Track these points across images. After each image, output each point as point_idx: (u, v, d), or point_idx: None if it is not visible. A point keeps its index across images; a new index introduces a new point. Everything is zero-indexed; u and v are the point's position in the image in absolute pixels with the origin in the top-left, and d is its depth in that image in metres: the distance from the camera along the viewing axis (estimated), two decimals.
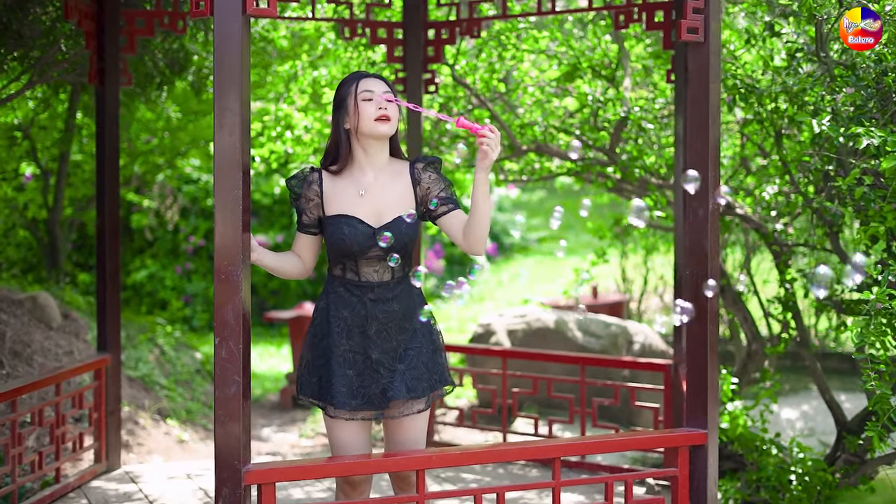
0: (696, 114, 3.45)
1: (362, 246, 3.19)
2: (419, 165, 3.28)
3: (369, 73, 3.30)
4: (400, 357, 3.22)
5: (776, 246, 5.46)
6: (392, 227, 3.20)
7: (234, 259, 2.93)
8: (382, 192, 3.24)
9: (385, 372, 3.20)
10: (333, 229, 3.21)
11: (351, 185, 3.26)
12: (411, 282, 3.25)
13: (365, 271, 3.23)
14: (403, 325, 3.24)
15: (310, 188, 3.27)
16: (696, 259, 3.46)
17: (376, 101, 3.20)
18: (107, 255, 4.91)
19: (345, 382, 3.19)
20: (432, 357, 3.27)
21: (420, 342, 3.25)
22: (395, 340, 3.23)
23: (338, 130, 3.26)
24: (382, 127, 3.20)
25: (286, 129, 6.32)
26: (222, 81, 2.92)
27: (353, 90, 3.21)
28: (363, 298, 3.22)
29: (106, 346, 4.95)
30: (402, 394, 3.17)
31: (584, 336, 6.74)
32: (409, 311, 3.25)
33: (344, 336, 3.22)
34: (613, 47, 6.08)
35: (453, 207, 3.25)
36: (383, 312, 3.21)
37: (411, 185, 3.27)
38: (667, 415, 4.81)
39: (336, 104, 3.28)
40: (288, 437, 6.78)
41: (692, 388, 3.49)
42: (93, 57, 4.84)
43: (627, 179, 5.60)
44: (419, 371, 3.22)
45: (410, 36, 5.25)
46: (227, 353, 2.94)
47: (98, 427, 4.93)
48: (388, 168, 3.28)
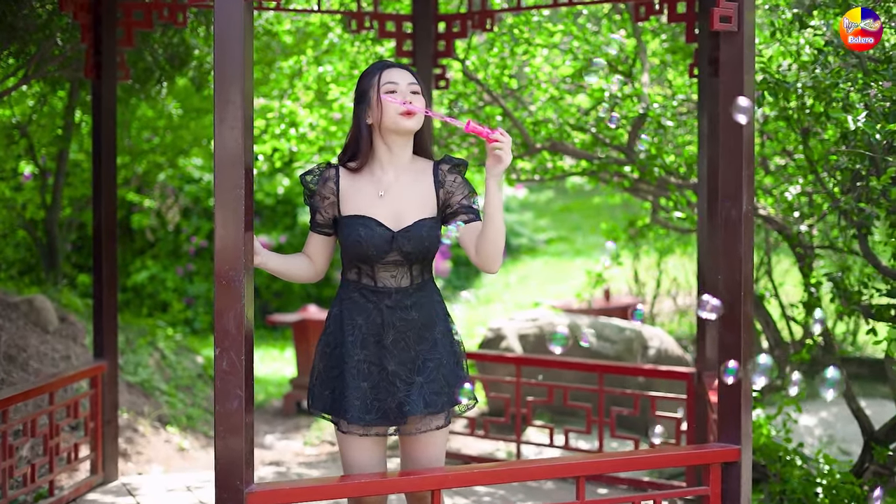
0: (729, 107, 3.23)
1: (379, 250, 2.96)
2: (444, 167, 3.05)
3: (394, 62, 3.06)
4: (418, 369, 2.99)
5: (800, 248, 5.24)
6: (412, 231, 2.98)
7: (236, 263, 2.72)
8: (403, 193, 3.02)
9: (402, 385, 2.97)
10: (349, 231, 2.99)
11: (370, 184, 3.03)
12: (432, 290, 3.05)
13: (381, 276, 3.01)
14: (423, 335, 3.01)
15: (325, 185, 3.05)
16: (729, 264, 3.24)
17: (401, 93, 2.97)
18: (103, 256, 4.70)
19: (359, 395, 2.96)
20: (453, 370, 3.05)
21: (440, 353, 3.02)
22: (413, 351, 3.00)
23: (359, 125, 3.03)
24: (407, 122, 2.96)
25: (290, 127, 6.10)
26: (223, 72, 2.71)
27: (376, 82, 2.98)
28: (379, 305, 3.00)
29: (102, 352, 4.74)
30: (420, 409, 2.94)
31: (597, 341, 6.52)
32: (430, 320, 3.03)
33: (358, 345, 3.00)
34: (629, 42, 5.86)
35: (474, 218, 3.02)
36: (401, 320, 2.99)
37: (434, 187, 3.04)
38: (689, 425, 4.59)
39: (357, 97, 3.05)
40: (292, 444, 6.57)
41: (725, 400, 3.27)
42: (89, 50, 4.63)
43: (645, 179, 5.38)
44: (438, 384, 2.99)
45: (420, 29, 5.03)
46: (228, 364, 2.72)
47: (94, 437, 4.72)
48: (411, 167, 3.06)
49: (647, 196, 6.25)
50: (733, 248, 3.23)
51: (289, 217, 10.96)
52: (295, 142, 6.04)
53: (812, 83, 4.22)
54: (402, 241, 2.96)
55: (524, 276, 11.97)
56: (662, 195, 6.15)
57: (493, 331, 6.68)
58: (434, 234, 3.00)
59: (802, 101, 4.67)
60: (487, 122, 5.78)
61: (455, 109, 5.89)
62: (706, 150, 4.44)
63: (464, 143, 5.95)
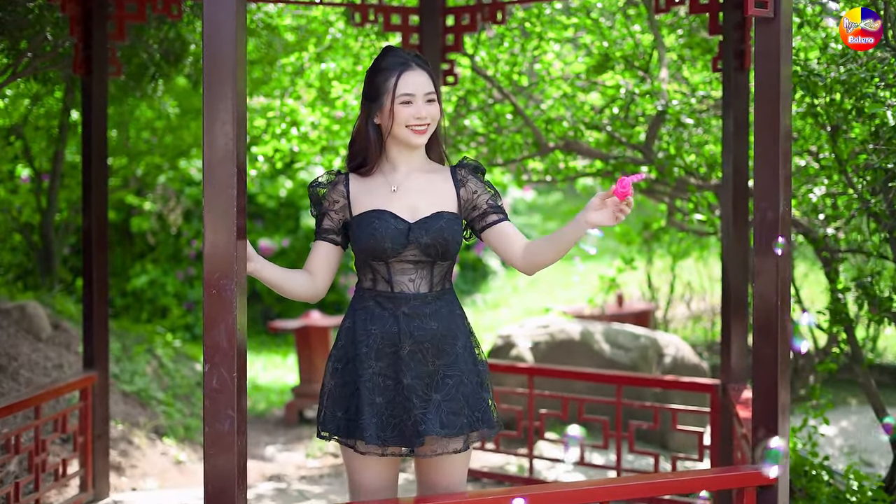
0: (765, 101, 2.98)
1: (395, 243, 2.73)
2: (462, 170, 2.87)
3: (413, 59, 2.81)
4: (436, 385, 2.74)
5: (826, 252, 4.99)
6: (430, 222, 2.76)
7: (227, 270, 2.47)
8: (418, 186, 2.82)
9: (418, 401, 2.72)
10: (363, 226, 2.75)
11: (381, 183, 2.82)
12: (453, 300, 2.81)
13: (398, 280, 2.76)
14: (442, 348, 2.76)
15: (335, 189, 2.83)
16: (764, 270, 2.99)
17: (416, 105, 2.76)
18: (94, 262, 4.45)
19: (374, 412, 2.71)
20: (476, 390, 2.79)
21: (461, 370, 2.77)
22: (431, 365, 2.75)
23: (366, 124, 2.80)
24: (416, 139, 2.78)
25: (291, 126, 5.84)
26: (213, 63, 2.46)
27: (391, 88, 2.75)
28: (396, 312, 2.75)
29: (93, 362, 4.49)
30: (436, 429, 2.69)
31: (611, 349, 6.26)
32: (450, 332, 2.78)
33: (372, 356, 2.75)
34: (644, 36, 5.61)
35: (503, 218, 2.83)
36: (419, 330, 2.74)
37: (454, 186, 2.84)
38: (713, 440, 4.33)
39: (369, 93, 2.81)
40: (293, 456, 6.31)
41: (760, 419, 3.02)
42: (78, 44, 4.38)
43: (664, 180, 5.12)
44: (457, 404, 2.73)
45: (427, 22, 4.78)
46: (218, 381, 2.47)
47: (84, 452, 4.47)
48: (425, 167, 2.87)
49: (662, 198, 5.99)
50: (769, 253, 2.98)
51: (292, 220, 10.71)
52: (296, 142, 5.78)
53: (847, 76, 3.95)
54: (419, 232, 2.74)
55: (532, 281, 11.70)
56: (679, 196, 5.90)
57: (502, 338, 6.42)
58: (454, 227, 2.78)
59: (832, 97, 4.41)
60: (497, 120, 5.53)
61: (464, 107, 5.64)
62: (732, 149, 4.18)
63: (472, 143, 5.69)
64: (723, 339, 4.31)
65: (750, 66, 4.16)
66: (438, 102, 2.82)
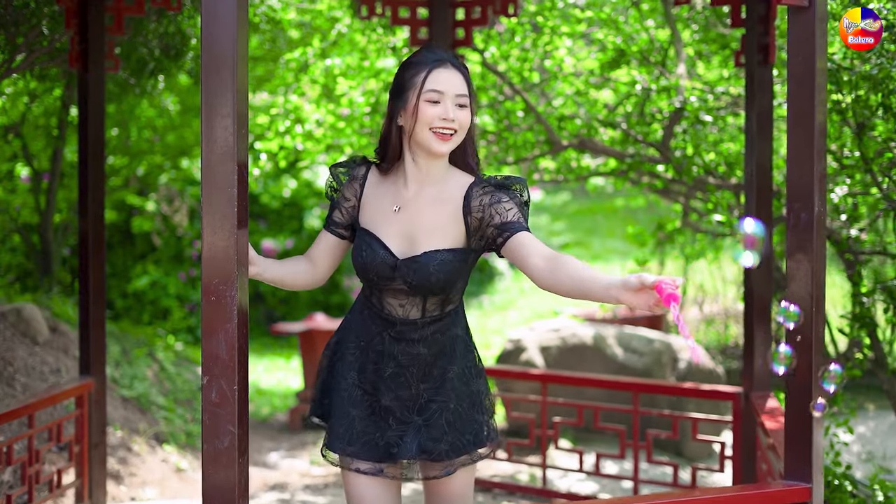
0: (799, 95, 2.80)
1: (381, 277, 2.54)
2: (477, 188, 2.53)
3: (448, 56, 2.53)
4: (419, 408, 2.56)
5: (849, 255, 4.81)
6: (419, 263, 2.50)
7: (227, 275, 2.29)
8: (421, 213, 2.54)
9: (394, 423, 2.56)
10: (355, 248, 2.58)
11: (390, 196, 2.58)
12: (452, 322, 2.61)
13: (388, 302, 2.58)
14: (429, 372, 2.57)
15: (351, 185, 2.62)
16: (798, 274, 2.81)
17: (445, 106, 2.47)
18: (91, 264, 4.27)
19: (344, 423, 2.57)
20: (468, 413, 2.59)
21: (447, 395, 2.57)
22: (413, 389, 2.57)
23: (391, 125, 2.57)
24: (439, 145, 2.48)
25: (296, 123, 5.66)
26: (210, 50, 2.28)
27: (419, 83, 2.48)
28: (383, 332, 2.58)
29: (89, 368, 4.31)
30: (412, 453, 2.51)
31: (624, 353, 6.08)
32: (441, 357, 2.58)
33: (356, 367, 2.59)
34: (659, 31, 5.42)
35: (509, 235, 2.46)
36: (404, 354, 2.56)
37: (461, 214, 2.53)
38: (735, 450, 4.15)
39: (395, 91, 2.56)
40: (297, 464, 6.14)
41: (793, 432, 2.84)
42: (74, 38, 4.21)
43: (681, 179, 4.94)
44: (439, 430, 2.54)
45: (436, 15, 4.60)
46: (218, 395, 2.30)
47: (80, 462, 4.30)
48: (442, 182, 2.56)
49: (677, 198, 5.81)
50: (803, 257, 2.80)
51: (295, 220, 10.54)
52: (301, 139, 5.60)
53: (878, 70, 3.77)
54: (406, 271, 2.51)
55: None
56: (694, 196, 5.72)
57: (512, 342, 6.24)
58: (447, 269, 2.50)
59: (858, 93, 4.23)
60: (508, 118, 5.35)
61: None
62: (755, 147, 4.00)
63: (482, 142, 5.51)
64: (745, 345, 4.13)
65: (774, 60, 3.99)
66: (471, 111, 2.53)
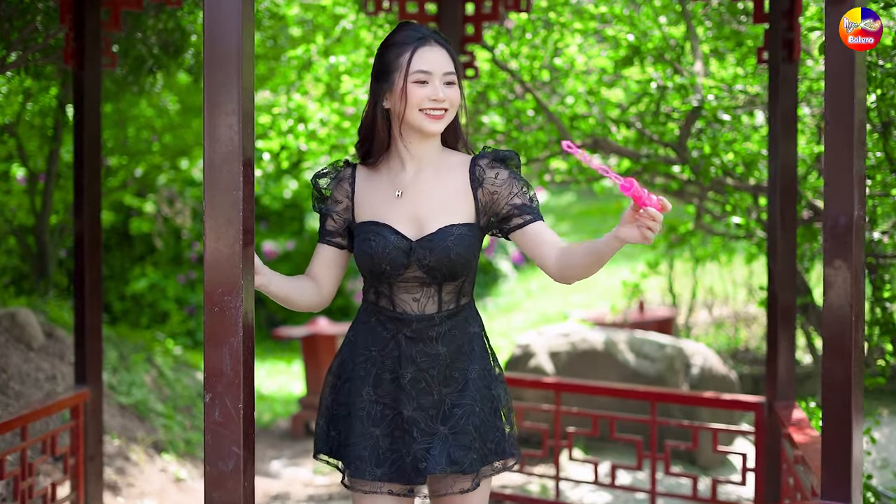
0: (837, 91, 2.63)
1: (394, 265, 2.36)
2: (482, 161, 2.42)
3: (429, 33, 2.41)
4: (443, 416, 2.39)
5: (871, 258, 4.65)
6: (435, 241, 2.36)
7: (232, 284, 2.13)
8: (427, 192, 2.41)
9: (419, 435, 2.38)
10: (360, 241, 2.40)
11: (386, 182, 2.44)
12: (468, 318, 2.45)
13: (402, 299, 2.41)
14: (450, 374, 2.41)
15: (339, 186, 2.46)
16: (835, 282, 2.64)
17: (433, 86, 2.36)
18: (86, 268, 4.10)
19: (368, 444, 2.38)
20: (490, 419, 2.43)
21: (471, 398, 2.40)
22: (435, 394, 2.40)
23: (374, 108, 2.42)
24: (431, 125, 2.37)
25: (298, 123, 5.49)
26: (214, 41, 2.12)
27: (405, 64, 2.35)
28: (397, 335, 2.40)
29: (85, 377, 4.14)
30: (441, 466, 2.34)
31: (636, 359, 5.91)
32: (461, 356, 2.42)
33: (370, 381, 2.41)
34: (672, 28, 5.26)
35: (530, 219, 2.38)
36: (423, 355, 2.39)
37: (469, 187, 2.41)
38: (758, 463, 3.98)
39: (378, 72, 2.43)
40: (300, 472, 5.97)
41: (831, 448, 2.68)
42: (69, 34, 4.03)
43: (698, 180, 4.78)
44: (468, 437, 2.37)
45: (446, 10, 4.44)
46: (221, 414, 2.13)
47: (75, 474, 4.12)
48: (440, 161, 2.45)
49: (691, 199, 5.64)
50: (842, 263, 2.64)
51: (296, 222, 10.39)
52: (304, 139, 5.43)
53: None
54: (422, 252, 2.35)
55: (545, 284, 11.34)
56: (706, 198, 5.55)
57: (521, 347, 6.07)
58: (465, 244, 2.37)
59: (883, 92, 4.08)
60: (518, 117, 5.19)
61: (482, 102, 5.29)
62: (779, 147, 3.84)
63: (491, 141, 5.34)
64: (768, 353, 3.97)
65: (799, 56, 3.82)
66: (459, 86, 2.42)
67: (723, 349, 7.74)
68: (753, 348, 7.77)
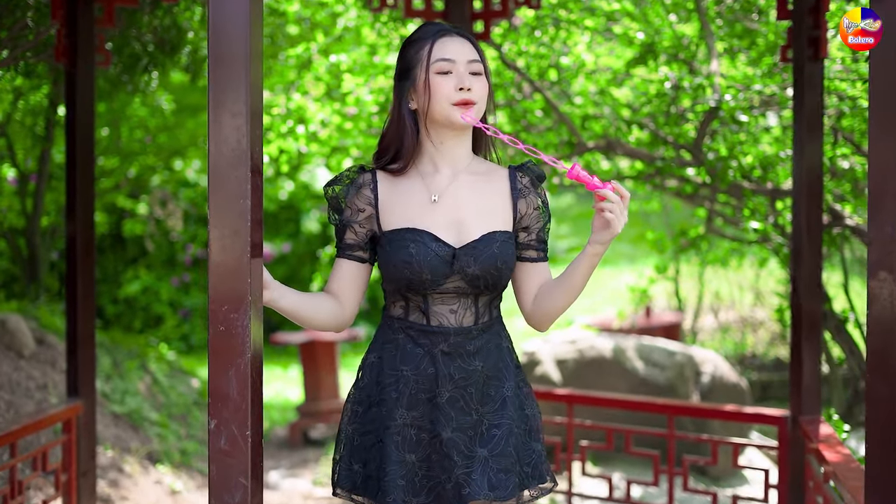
0: (881, 89, 2.47)
1: (436, 274, 2.20)
2: (525, 179, 2.31)
3: (449, 26, 2.29)
4: (482, 438, 2.22)
5: None
6: (479, 248, 2.22)
7: (240, 301, 1.95)
8: (465, 197, 2.26)
9: (460, 458, 2.20)
10: (395, 249, 2.22)
11: (418, 187, 2.27)
12: (500, 331, 2.29)
13: (437, 311, 2.24)
14: (486, 392, 2.25)
15: (359, 194, 2.28)
16: (881, 296, 2.48)
17: (457, 75, 2.22)
18: (79, 273, 3.92)
19: (404, 472, 2.20)
20: (525, 439, 2.29)
21: (510, 417, 2.25)
22: (474, 413, 2.24)
23: (400, 110, 2.27)
24: (460, 116, 2.22)
25: (298, 124, 5.30)
26: (219, 36, 1.94)
27: (425, 56, 2.23)
28: (433, 350, 2.23)
29: (77, 389, 3.96)
30: (484, 491, 2.17)
31: (645, 366, 5.75)
32: (497, 372, 2.27)
33: (403, 403, 2.23)
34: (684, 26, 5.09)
35: (543, 257, 2.34)
36: (461, 371, 2.23)
37: (510, 195, 2.30)
38: (781, 480, 3.82)
39: (400, 72, 2.30)
40: (299, 483, 5.79)
41: (876, 470, 2.51)
42: (61, 30, 3.86)
43: (714, 183, 4.61)
44: (508, 460, 2.22)
45: (454, 6, 4.25)
46: (228, 442, 1.96)
47: (67, 491, 3.94)
48: (474, 167, 2.31)
49: (703, 202, 5.48)
50: (888, 276, 2.47)
51: (292, 224, 10.21)
52: (304, 141, 5.25)
53: None
54: (467, 260, 2.21)
55: None
56: (716, 200, 5.39)
57: (526, 354, 5.91)
58: (509, 252, 2.25)
59: None
60: (525, 117, 5.02)
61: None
62: (804, 149, 3.67)
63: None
64: (791, 365, 3.80)
65: (826, 54, 3.66)
66: (487, 78, 2.28)
67: (730, 355, 7.59)
68: (760, 354, 7.62)
